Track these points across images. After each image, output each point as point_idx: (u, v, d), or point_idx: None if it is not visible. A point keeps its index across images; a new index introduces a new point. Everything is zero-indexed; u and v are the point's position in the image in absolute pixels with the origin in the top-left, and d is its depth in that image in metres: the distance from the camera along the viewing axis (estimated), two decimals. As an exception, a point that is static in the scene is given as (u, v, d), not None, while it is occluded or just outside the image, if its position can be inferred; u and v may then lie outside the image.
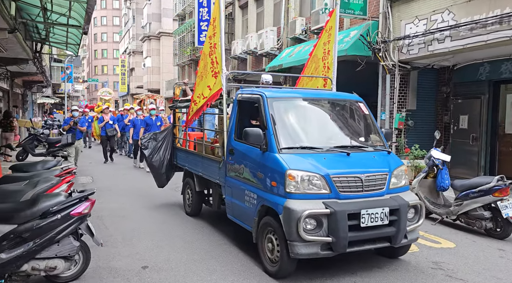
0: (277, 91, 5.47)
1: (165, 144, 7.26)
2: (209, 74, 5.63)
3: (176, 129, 7.55)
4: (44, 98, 29.83)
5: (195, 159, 6.39)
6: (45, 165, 5.94)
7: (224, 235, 5.76)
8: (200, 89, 5.87)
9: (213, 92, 5.52)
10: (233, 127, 5.09)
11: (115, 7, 64.86)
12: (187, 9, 25.01)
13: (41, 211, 3.77)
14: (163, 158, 7.19)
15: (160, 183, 7.47)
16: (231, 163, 5.05)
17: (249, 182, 4.64)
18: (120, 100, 47.17)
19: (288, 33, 14.07)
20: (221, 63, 5.34)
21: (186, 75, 27.15)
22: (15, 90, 17.93)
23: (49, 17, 8.54)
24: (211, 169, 5.71)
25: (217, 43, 5.46)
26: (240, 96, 5.17)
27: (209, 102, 5.68)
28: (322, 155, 4.34)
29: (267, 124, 4.48)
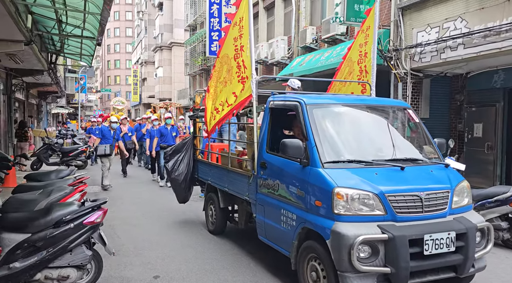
0: (316, 97, 4.84)
1: (187, 156, 6.73)
2: (234, 80, 5.08)
3: (197, 140, 7.02)
4: (59, 108, 30.33)
5: (219, 173, 5.82)
6: (59, 174, 6.00)
7: (235, 244, 5.72)
8: (224, 96, 5.28)
9: (241, 99, 4.92)
10: (265, 138, 4.57)
11: (128, 18, 65.97)
12: (199, 20, 25.30)
13: (55, 220, 3.81)
14: (186, 171, 6.65)
15: (182, 198, 6.92)
16: (264, 178, 4.52)
17: (286, 200, 4.11)
18: (132, 110, 47.70)
19: (299, 42, 14.11)
20: (250, 67, 4.75)
21: (198, 84, 27.36)
22: (30, 101, 18.27)
23: (64, 29, 8.72)
24: (239, 184, 5.16)
25: (245, 46, 4.90)
26: (273, 103, 4.63)
27: (236, 110, 5.13)
28: (372, 169, 3.80)
29: (307, 134, 3.94)
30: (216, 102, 5.47)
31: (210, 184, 6.20)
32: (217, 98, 5.48)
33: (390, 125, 4.59)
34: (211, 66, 23.61)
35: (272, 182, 4.37)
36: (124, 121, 13.01)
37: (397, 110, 4.78)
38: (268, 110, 4.67)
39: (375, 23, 5.73)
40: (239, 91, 4.95)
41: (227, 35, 5.39)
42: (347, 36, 11.90)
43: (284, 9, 16.27)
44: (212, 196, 6.24)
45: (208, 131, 5.80)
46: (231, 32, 5.23)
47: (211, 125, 5.65)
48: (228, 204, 5.98)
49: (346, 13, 9.76)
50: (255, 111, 4.80)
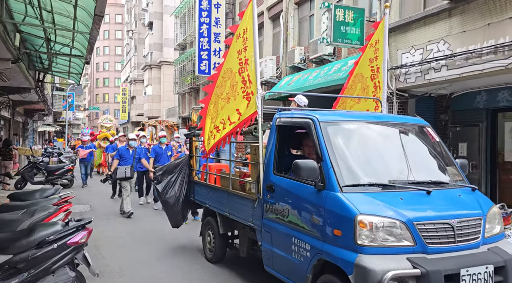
0: (329, 113, 4.47)
1: (180, 177, 6.26)
2: (239, 96, 4.69)
3: (194, 161, 6.51)
4: (45, 126, 30.00)
5: (219, 196, 5.36)
6: (43, 193, 5.90)
7: (223, 264, 5.65)
8: (226, 113, 4.88)
9: (245, 117, 4.58)
10: (272, 159, 4.20)
11: (118, 37, 66.28)
12: (188, 39, 25.55)
13: (38, 240, 3.72)
14: (179, 194, 6.18)
15: (175, 223, 6.50)
16: (271, 202, 4.13)
17: (299, 228, 3.72)
18: (120, 128, 47.40)
19: (287, 62, 14.31)
20: (255, 82, 4.42)
21: (187, 103, 27.42)
22: (16, 119, 18.06)
23: (52, 48, 8.71)
24: (241, 208, 4.74)
25: (250, 59, 4.54)
26: (280, 121, 4.29)
27: (239, 128, 4.74)
28: (396, 193, 3.44)
29: (322, 155, 3.57)
30: (217, 120, 5.05)
31: (208, 208, 5.75)
32: (217, 116, 5.04)
33: (410, 145, 4.21)
34: (200, 85, 23.82)
35: (281, 207, 3.98)
36: (122, 139, 12.05)
37: (416, 128, 4.39)
38: (274, 128, 4.32)
39: (385, 37, 5.42)
40: (244, 108, 4.59)
41: (230, 48, 4.99)
42: (334, 57, 12.13)
43: (273, 30, 16.56)
44: (210, 221, 5.77)
45: (207, 151, 5.40)
46: (234, 44, 4.85)
47: (210, 145, 5.26)
48: (228, 229, 5.52)
49: (333, 34, 9.97)
50: (261, 130, 4.39)
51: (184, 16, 25.26)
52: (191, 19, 23.23)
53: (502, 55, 7.19)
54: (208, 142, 5.30)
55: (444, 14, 8.40)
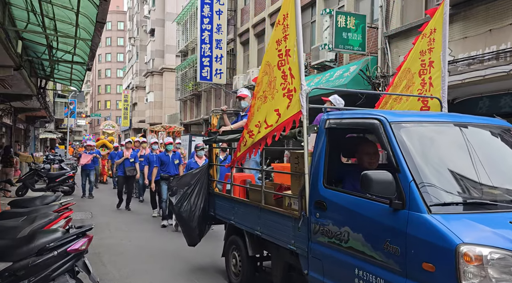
0: (397, 113, 3.82)
1: (197, 188, 5.54)
2: (278, 94, 3.97)
3: (214, 170, 5.69)
4: (47, 133, 30.06)
5: (248, 212, 4.58)
6: (44, 200, 5.88)
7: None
8: (261, 115, 4.13)
9: (285, 118, 3.84)
10: (321, 169, 3.48)
11: (120, 44, 66.62)
12: (190, 46, 25.65)
13: (38, 247, 3.70)
14: (195, 207, 5.47)
15: (191, 240, 5.69)
16: (321, 222, 3.40)
17: (365, 257, 2.95)
18: (122, 134, 47.46)
19: (289, 69, 14.31)
20: (298, 76, 3.71)
21: (188, 109, 27.45)
22: (18, 126, 18.09)
23: (54, 55, 8.74)
24: (278, 227, 3.98)
25: (292, 49, 3.84)
26: (330, 122, 3.57)
27: (278, 132, 3.96)
28: (502, 215, 2.73)
29: (399, 164, 2.83)
30: (251, 123, 4.30)
31: (234, 225, 4.93)
32: (253, 118, 4.29)
33: (503, 151, 3.48)
34: (202, 92, 23.85)
35: (336, 229, 3.23)
36: (129, 145, 11.44)
37: (503, 132, 3.58)
38: (323, 131, 3.58)
39: (445, 24, 4.58)
40: (285, 107, 3.86)
41: (270, 38, 4.29)
42: (336, 63, 12.14)
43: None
44: (235, 240, 4.97)
45: (235, 159, 4.68)
46: (273, 34, 4.15)
47: (240, 153, 4.52)
48: (259, 251, 4.75)
49: (334, 41, 9.98)
50: (306, 133, 3.65)
51: (186, 23, 25.39)
52: (192, 26, 23.34)
53: (504, 61, 7.17)
54: (239, 149, 4.55)
55: (446, 20, 8.40)
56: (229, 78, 19.75)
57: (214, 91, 22.44)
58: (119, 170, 10.96)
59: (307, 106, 3.66)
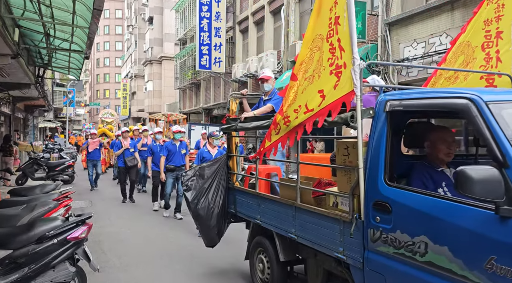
0: (493, 91, 3.20)
1: (216, 182, 4.95)
2: (324, 72, 3.24)
3: (234, 162, 5.04)
4: (46, 122, 30.01)
5: (278, 210, 3.96)
6: (44, 188, 5.88)
7: (226, 262, 5.63)
8: (304, 98, 3.40)
9: (332, 100, 3.13)
10: (382, 162, 2.86)
11: (118, 32, 66.13)
12: (189, 34, 25.45)
13: (38, 235, 3.71)
14: (213, 204, 4.89)
15: (209, 241, 5.08)
16: (384, 228, 2.78)
17: (452, 277, 2.37)
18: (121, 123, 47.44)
19: (288, 57, 14.24)
20: (350, 48, 3.01)
21: (187, 98, 27.36)
22: (16, 115, 18.04)
23: (52, 43, 8.66)
24: (320, 231, 3.37)
25: (341, 16, 3.15)
26: (394, 104, 2.89)
27: (321, 117, 3.23)
28: None
29: (506, 157, 2.23)
30: (290, 108, 3.55)
31: (260, 225, 4.33)
32: (294, 102, 3.52)
33: None
34: (201, 80, 23.76)
35: (408, 238, 2.62)
36: (126, 135, 10.78)
37: None
38: (384, 116, 2.94)
39: None
40: (331, 87, 3.16)
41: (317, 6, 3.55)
42: (335, 51, 12.04)
43: (274, 24, 16.47)
44: (263, 243, 4.39)
45: (263, 149, 4.02)
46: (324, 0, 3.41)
47: (270, 143, 3.88)
48: (292, 255, 4.12)
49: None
50: (360, 118, 2.97)
51: (185, 10, 25.15)
52: (191, 14, 23.12)
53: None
54: (269, 138, 3.89)
55: (447, 7, 8.33)
56: (228, 66, 19.64)
57: (214, 80, 22.34)
58: (119, 161, 10.58)
59: (361, 84, 2.97)
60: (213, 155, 7.20)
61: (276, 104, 4.85)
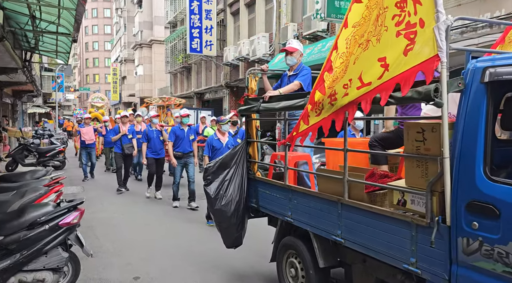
0: None
1: (238, 173, 4.29)
2: (386, 34, 2.46)
3: (254, 149, 4.40)
4: (35, 108, 29.58)
5: (317, 207, 3.30)
6: (34, 174, 5.81)
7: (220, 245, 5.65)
8: (355, 71, 2.65)
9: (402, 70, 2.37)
10: (480, 150, 2.24)
11: (106, 15, 64.83)
12: (179, 17, 25.04)
13: (29, 221, 3.67)
14: (239, 198, 4.23)
15: (232, 241, 4.43)
16: (487, 238, 2.16)
17: None
18: (112, 109, 46.96)
19: (280, 39, 14.08)
20: (432, 3, 2.25)
21: (179, 82, 27.09)
22: (4, 100, 17.72)
23: (38, 25, 8.45)
24: (380, 235, 2.72)
25: None
26: (500, 72, 2.19)
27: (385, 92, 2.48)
28: None
29: None
30: (337, 82, 2.80)
31: (291, 224, 3.70)
32: (345, 74, 2.74)
33: None
34: (192, 64, 23.48)
35: None
36: (125, 120, 10.10)
37: None
38: (482, 88, 2.26)
39: None
40: (399, 53, 2.38)
41: None
42: (328, 33, 11.94)
43: (265, 6, 16.23)
44: (294, 244, 3.76)
45: (296, 134, 3.26)
46: None
47: (311, 124, 3.09)
48: (333, 260, 3.46)
49: (326, 10, 9.77)
50: (446, 92, 2.29)
51: (174, -7, 24.71)
52: (181, -4, 22.73)
53: (497, 28, 7.09)
54: (306, 120, 3.11)
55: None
56: (220, 50, 19.41)
57: (205, 64, 22.10)
58: (116, 147, 9.97)
59: (447, 48, 2.24)
60: (224, 143, 6.73)
61: (304, 80, 4.40)
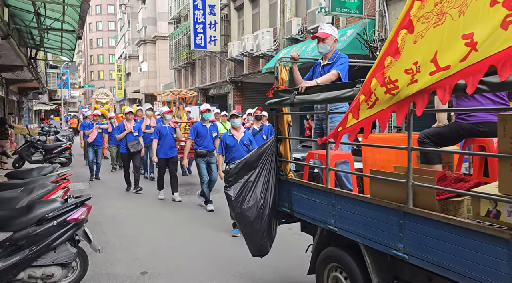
0: None
1: (264, 174, 3.83)
2: (475, 4, 1.93)
3: (286, 146, 3.87)
4: (41, 105, 29.74)
5: (371, 216, 2.78)
6: (41, 171, 5.85)
7: (223, 241, 5.68)
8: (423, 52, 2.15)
9: (501, 48, 1.79)
10: None
11: (110, 12, 64.89)
12: (183, 12, 24.99)
13: (37, 217, 3.71)
14: (263, 202, 3.77)
15: (258, 249, 3.95)
16: None
17: None
18: (117, 105, 47.10)
19: (285, 34, 14.03)
20: None
21: (183, 78, 27.10)
22: (10, 98, 17.83)
23: (43, 23, 8.49)
24: (460, 253, 2.18)
25: None
26: None
27: (473, 76, 1.91)
28: None
29: None
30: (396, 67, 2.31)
31: (335, 232, 3.15)
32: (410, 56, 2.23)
33: None
34: (197, 60, 23.45)
35: None
36: (130, 117, 9.45)
37: None
38: None
39: None
40: (494, 27, 1.87)
41: None
42: (332, 27, 11.87)
43: (269, 1, 16.17)
44: (339, 256, 3.24)
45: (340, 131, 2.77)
46: None
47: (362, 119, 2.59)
48: (390, 278, 2.93)
49: (331, 4, 9.71)
50: None
51: (178, -12, 24.65)
52: (184, -8, 22.68)
53: (504, 21, 7.02)
54: (357, 114, 2.61)
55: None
56: (224, 45, 19.38)
57: (209, 59, 22.08)
58: (121, 147, 9.34)
59: None
60: (238, 140, 6.26)
61: (342, 70, 3.92)
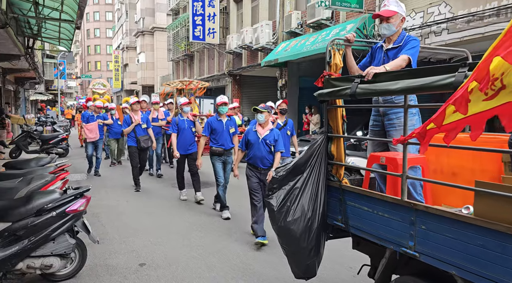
0: None
1: (312, 181, 3.11)
2: None
3: (339, 146, 3.12)
4: (37, 95, 29.56)
5: (473, 241, 2.06)
6: (39, 162, 5.84)
7: (222, 232, 5.70)
8: None
9: None
10: None
11: (108, 2, 64.28)
12: (181, 4, 24.83)
13: (36, 208, 3.70)
14: (311, 214, 3.07)
15: (303, 270, 3.23)
16: None
17: None
18: (114, 96, 46.87)
19: (284, 27, 13.97)
20: None
21: (181, 70, 26.98)
22: (7, 87, 17.72)
23: (41, 12, 8.41)
24: None
25: None
26: None
27: None
28: None
29: None
30: None
31: (413, 257, 2.42)
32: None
33: None
34: (195, 52, 23.31)
35: None
36: (136, 107, 8.59)
37: None
38: None
39: None
40: None
41: None
42: (332, 21, 11.84)
43: (269, -7, 16.07)
44: None
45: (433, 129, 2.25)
46: None
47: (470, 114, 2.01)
48: None
49: (331, -3, 9.67)
50: None
51: (176, -21, 24.44)
52: (183, -17, 22.48)
53: (504, 17, 7.03)
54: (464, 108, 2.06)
55: (447, -25, 8.14)
56: (223, 38, 19.28)
57: (208, 52, 21.98)
58: (129, 139, 8.46)
59: None
60: (261, 137, 5.31)
61: (414, 55, 3.29)
